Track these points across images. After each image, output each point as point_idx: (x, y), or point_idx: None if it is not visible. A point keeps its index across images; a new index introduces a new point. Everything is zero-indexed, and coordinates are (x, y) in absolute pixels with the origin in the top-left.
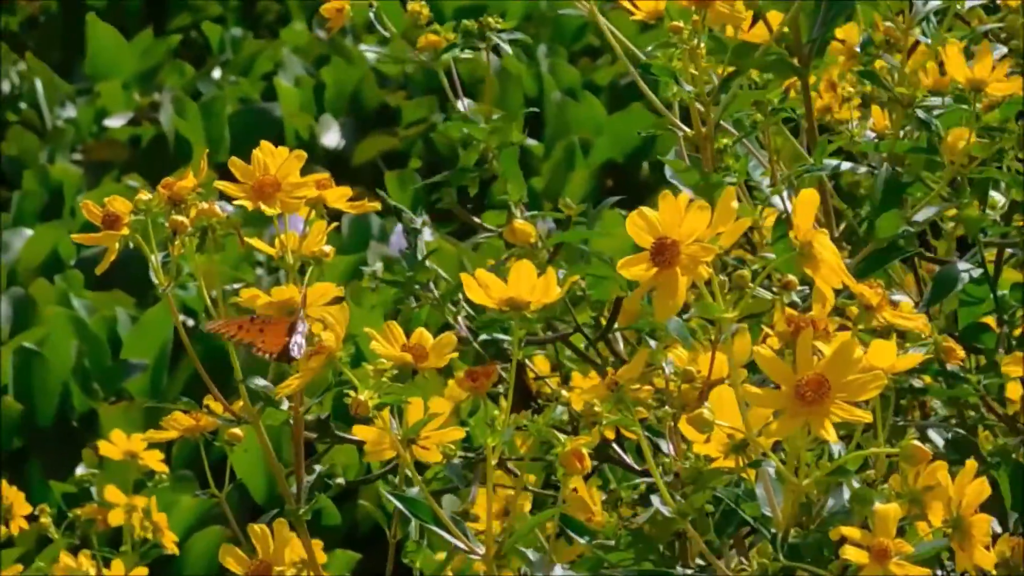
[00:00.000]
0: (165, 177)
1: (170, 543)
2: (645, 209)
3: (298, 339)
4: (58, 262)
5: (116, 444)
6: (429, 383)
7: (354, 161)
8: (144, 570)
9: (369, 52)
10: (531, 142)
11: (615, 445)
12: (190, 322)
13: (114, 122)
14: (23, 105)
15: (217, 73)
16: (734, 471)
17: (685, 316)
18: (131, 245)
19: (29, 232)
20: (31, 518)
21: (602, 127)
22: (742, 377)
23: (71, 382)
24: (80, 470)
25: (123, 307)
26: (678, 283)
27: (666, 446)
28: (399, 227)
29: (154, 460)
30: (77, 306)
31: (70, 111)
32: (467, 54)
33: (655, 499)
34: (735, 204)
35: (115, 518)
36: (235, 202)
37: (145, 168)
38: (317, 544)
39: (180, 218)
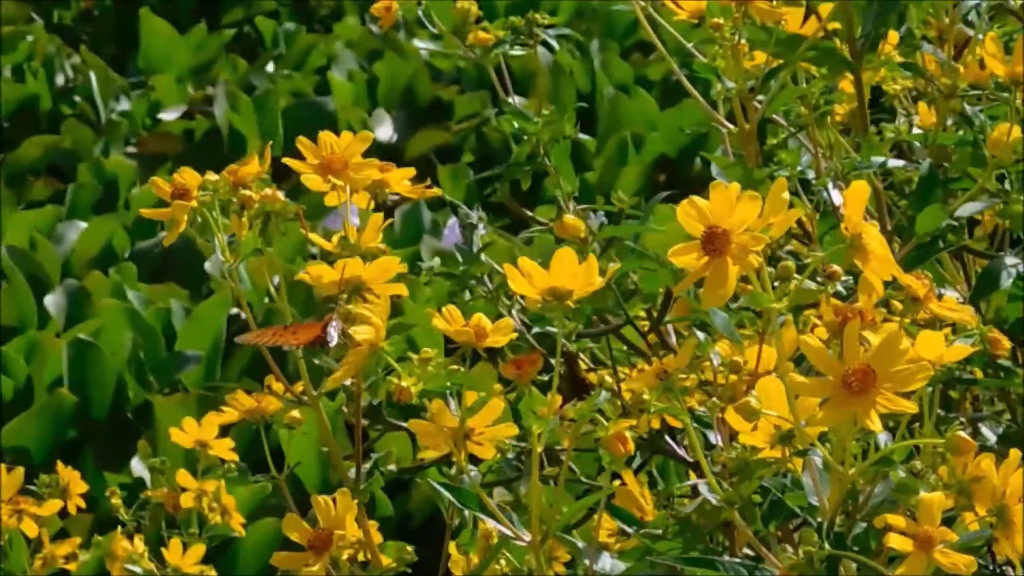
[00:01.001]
0: (218, 170)
1: (238, 525)
2: (696, 198)
3: (332, 331)
4: (112, 254)
5: (187, 432)
6: (477, 376)
7: (406, 155)
8: (202, 547)
9: (422, 47)
10: (583, 137)
11: (667, 437)
12: (244, 315)
13: (168, 115)
14: (77, 98)
15: (270, 67)
16: (780, 461)
17: (733, 306)
18: (198, 219)
19: (84, 225)
20: (89, 507)
21: (654, 122)
22: (789, 368)
23: (126, 374)
24: (135, 462)
25: (177, 299)
26: (728, 272)
27: (714, 437)
28: (452, 221)
29: (223, 449)
30: (132, 298)
31: (124, 104)
32: (517, 51)
33: (702, 487)
34: (786, 195)
35: (186, 501)
36: (302, 177)
37: (198, 161)
38: (372, 524)
39: (248, 192)
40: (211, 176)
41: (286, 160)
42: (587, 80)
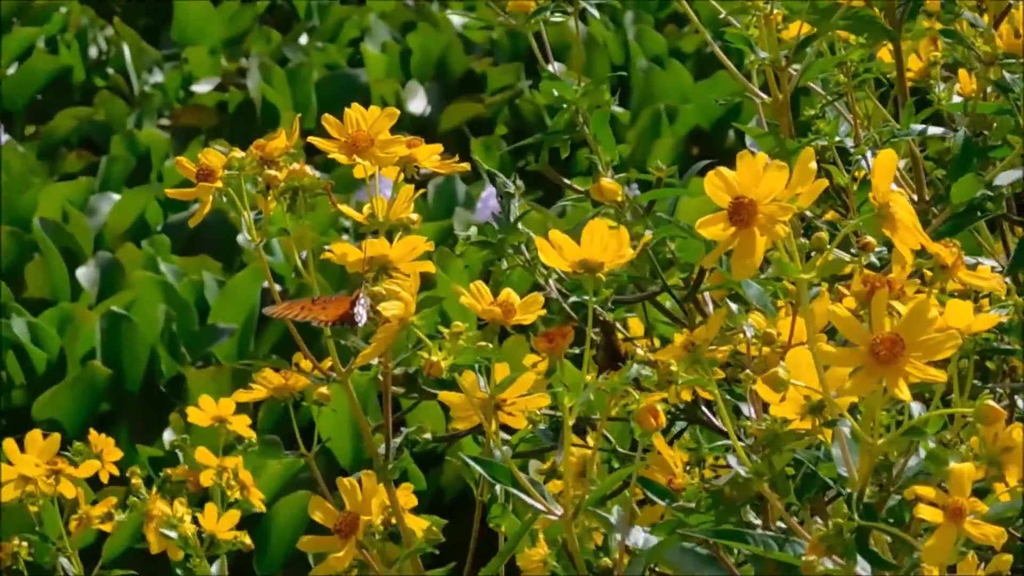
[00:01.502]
0: (251, 143)
1: (257, 501)
2: (723, 169)
3: (359, 309)
4: (145, 227)
5: (205, 410)
6: (510, 347)
7: (440, 127)
8: (236, 514)
9: (455, 17)
10: (617, 110)
11: (704, 408)
12: (277, 287)
13: (201, 88)
14: (111, 71)
15: (304, 39)
16: (810, 433)
17: (767, 277)
18: (224, 199)
19: (117, 197)
20: (121, 480)
21: (688, 94)
22: (819, 338)
23: (159, 346)
24: (168, 435)
25: (210, 272)
26: (755, 242)
27: (747, 409)
28: (485, 194)
29: (242, 425)
30: (164, 271)
31: (157, 77)
32: (557, 17)
33: (732, 459)
34: (814, 165)
35: (206, 479)
36: (329, 156)
37: (232, 134)
38: (407, 493)
39: (273, 172)
40: (237, 153)
41: (312, 139)
42: (621, 52)
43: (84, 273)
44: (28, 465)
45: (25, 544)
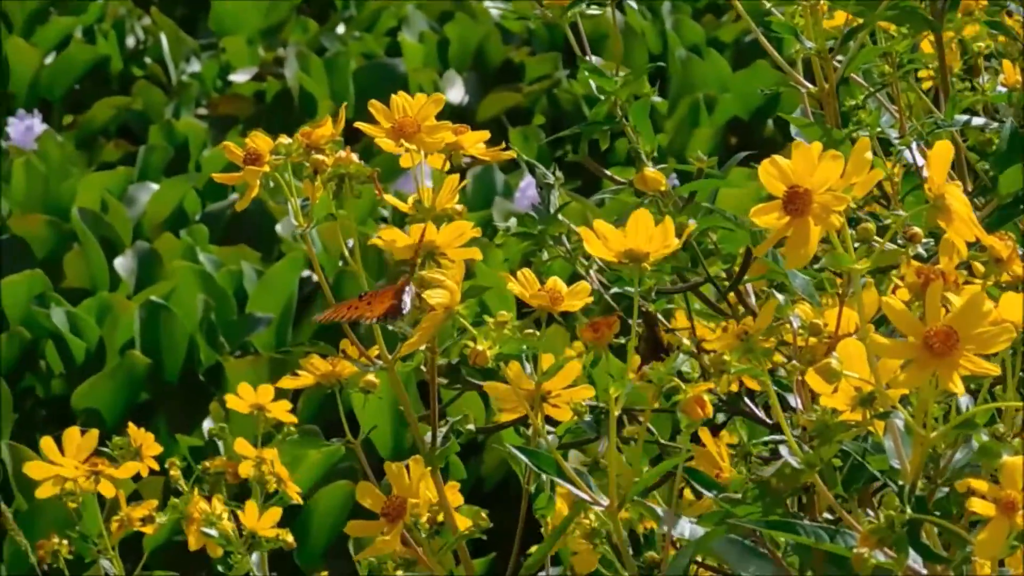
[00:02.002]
0: (289, 132)
1: (294, 493)
2: (778, 158)
3: (405, 298)
4: (183, 216)
5: (243, 398)
6: (550, 337)
7: (478, 117)
8: (278, 511)
9: (493, 8)
10: (655, 99)
11: (746, 399)
12: (315, 277)
13: (239, 77)
14: (148, 60)
15: (341, 29)
16: (860, 424)
17: (812, 267)
18: (271, 184)
19: (155, 187)
20: (160, 470)
21: (727, 84)
22: (870, 330)
23: (197, 336)
24: (207, 424)
25: (248, 261)
26: (809, 232)
27: (793, 400)
28: (523, 184)
29: (282, 412)
30: (203, 260)
31: (195, 66)
32: (594, 10)
33: (783, 450)
34: (869, 155)
35: (244, 470)
36: (376, 141)
37: (269, 123)
38: (452, 487)
39: (321, 157)
40: (284, 139)
41: (359, 124)
42: (659, 42)
43: (122, 263)
44: (67, 467)
45: (65, 542)
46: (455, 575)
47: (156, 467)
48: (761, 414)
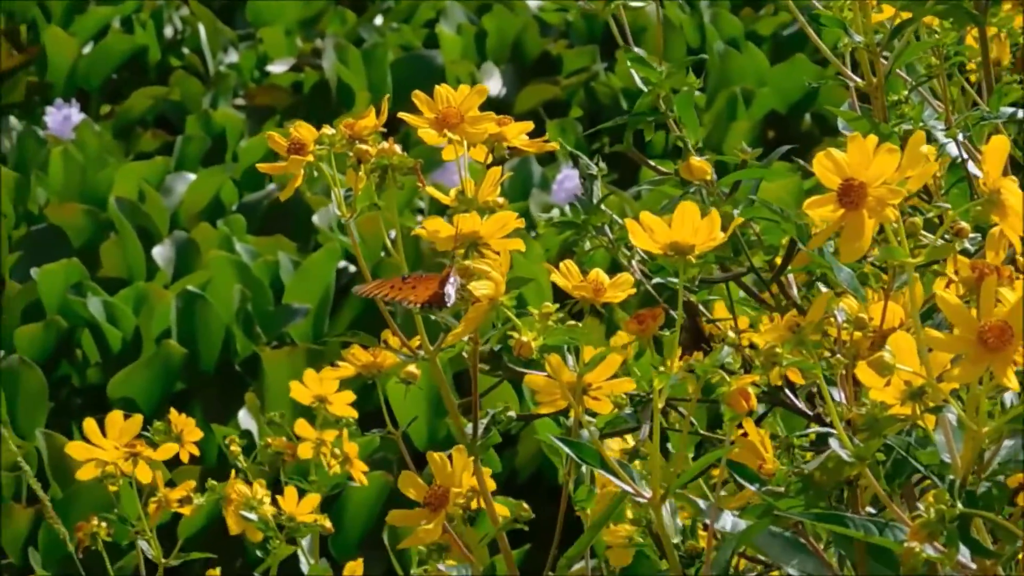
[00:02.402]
0: (326, 123)
1: (359, 473)
2: (833, 150)
3: (449, 288)
4: (220, 207)
5: (308, 387)
6: (593, 332)
7: (515, 110)
8: (317, 497)
9: (531, 0)
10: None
11: (787, 390)
12: (351, 268)
13: (276, 68)
14: (186, 50)
15: (379, 20)
16: (909, 418)
17: (868, 259)
18: (315, 174)
19: (192, 177)
20: (197, 459)
21: (764, 78)
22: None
23: (234, 326)
24: (243, 414)
25: (285, 252)
26: (864, 225)
27: (837, 394)
28: (560, 176)
29: (342, 405)
30: (240, 250)
31: (232, 57)
32: (636, 3)
33: (833, 443)
34: (924, 148)
35: (304, 452)
36: (419, 131)
37: (307, 114)
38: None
39: (365, 147)
40: (328, 130)
41: (401, 114)
42: (697, 35)
43: (160, 252)
44: (108, 449)
45: (104, 524)
46: (496, 567)
47: (196, 452)
48: (802, 406)
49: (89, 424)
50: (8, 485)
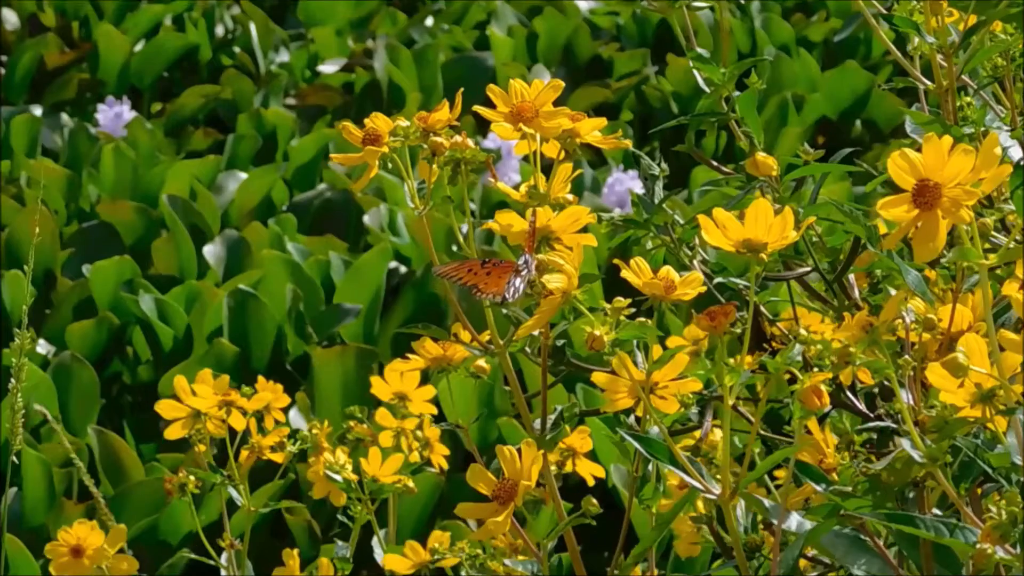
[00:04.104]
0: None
1: (440, 458)
2: (908, 151)
3: (517, 282)
4: (271, 206)
5: (389, 383)
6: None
7: None
8: (401, 457)
9: (582, 2)
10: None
11: (847, 391)
12: (402, 268)
13: (327, 68)
14: (237, 49)
15: (430, 21)
16: (980, 420)
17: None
18: (389, 165)
19: (243, 175)
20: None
21: (815, 83)
22: (982, 327)
23: (285, 325)
24: (293, 414)
25: (336, 251)
26: (939, 226)
27: (905, 395)
28: (610, 179)
29: (421, 401)
30: (291, 250)
31: (284, 56)
32: (700, 3)
33: (904, 443)
34: (999, 150)
35: (385, 440)
36: (493, 126)
37: (358, 114)
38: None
39: (439, 140)
40: (402, 121)
41: (477, 108)
42: (748, 40)
43: (211, 251)
44: (203, 401)
45: (192, 478)
46: (563, 562)
47: (282, 419)
48: (861, 406)
49: (179, 380)
50: (60, 481)
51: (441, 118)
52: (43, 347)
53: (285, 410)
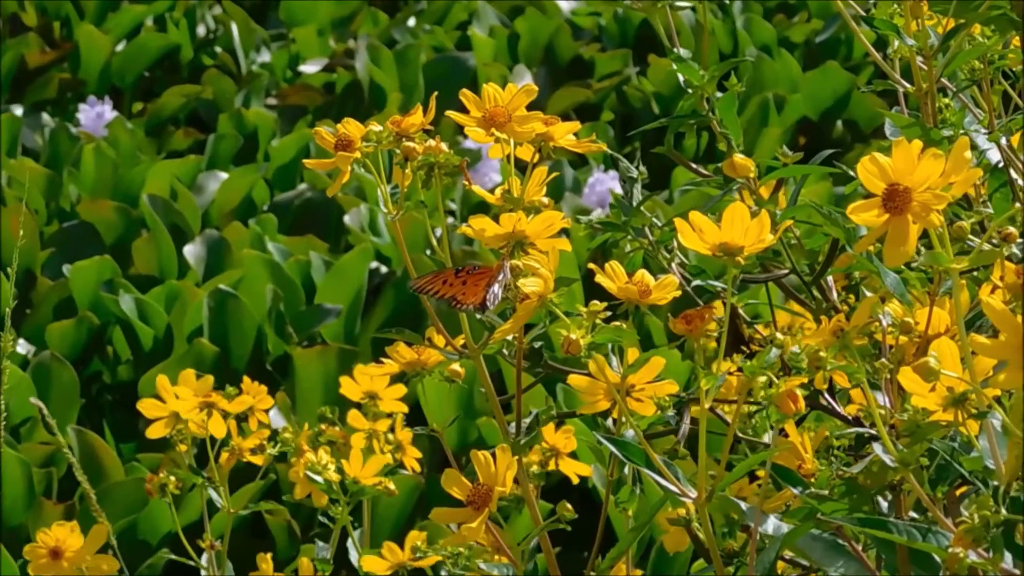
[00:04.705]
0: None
1: (412, 460)
2: (878, 155)
3: (495, 289)
4: (252, 206)
5: (359, 384)
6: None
7: (547, 113)
8: (385, 459)
9: (563, 3)
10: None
11: (826, 394)
12: (383, 268)
13: (309, 68)
14: (218, 49)
15: (411, 22)
16: (952, 424)
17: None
18: (362, 168)
19: (224, 175)
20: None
21: (797, 84)
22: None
23: (265, 325)
24: (273, 414)
25: (316, 252)
26: (909, 230)
27: (881, 398)
28: (591, 179)
29: (391, 400)
30: (271, 250)
31: (265, 56)
32: (683, 3)
33: (877, 447)
34: (969, 154)
35: (357, 441)
36: (466, 130)
37: (339, 114)
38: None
39: (412, 145)
40: (375, 126)
41: (449, 112)
42: (729, 40)
43: (191, 251)
44: (184, 403)
45: (173, 478)
46: (539, 565)
47: (266, 420)
48: (840, 409)
49: (162, 380)
50: (40, 481)
51: (415, 122)
52: (23, 347)
53: (266, 410)
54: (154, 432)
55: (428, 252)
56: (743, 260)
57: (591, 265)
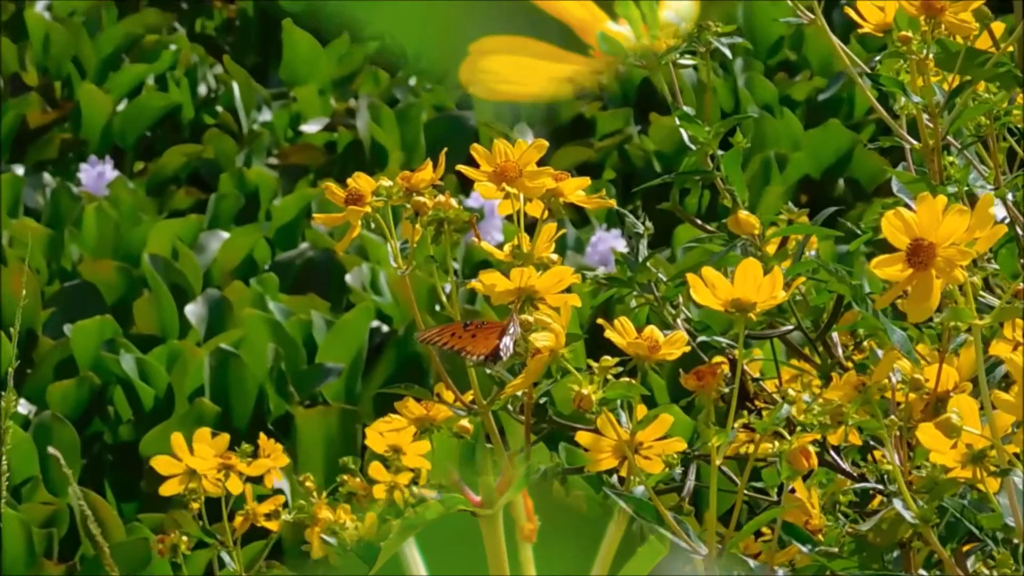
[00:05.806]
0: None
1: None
2: (902, 210)
3: (507, 341)
4: (253, 265)
5: (384, 437)
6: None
7: None
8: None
9: None
10: (721, 153)
11: (831, 451)
12: (384, 328)
13: (310, 127)
14: (219, 108)
15: (413, 81)
16: (970, 481)
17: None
18: (372, 225)
19: (225, 235)
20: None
21: (799, 142)
22: (967, 387)
23: (267, 385)
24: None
25: (318, 311)
26: (932, 286)
27: (888, 455)
28: (594, 238)
29: (415, 456)
30: (273, 309)
31: (266, 115)
32: (687, 60)
33: (897, 504)
34: (993, 210)
35: (379, 493)
36: (476, 185)
37: (340, 173)
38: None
39: (422, 199)
40: (385, 181)
41: (460, 167)
42: (731, 99)
43: (193, 310)
44: (201, 462)
45: (185, 538)
46: None
47: (281, 478)
48: (845, 466)
49: (176, 438)
50: (40, 542)
51: (424, 178)
52: (24, 407)
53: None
54: (169, 489)
55: (437, 308)
56: (755, 316)
57: (600, 321)
